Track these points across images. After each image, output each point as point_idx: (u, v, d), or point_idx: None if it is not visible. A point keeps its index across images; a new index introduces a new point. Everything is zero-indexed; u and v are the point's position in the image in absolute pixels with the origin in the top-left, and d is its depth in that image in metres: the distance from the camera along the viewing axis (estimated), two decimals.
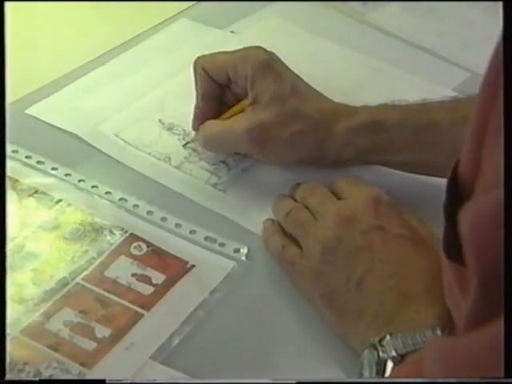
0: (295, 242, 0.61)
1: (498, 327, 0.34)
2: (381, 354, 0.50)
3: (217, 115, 0.69)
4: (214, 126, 0.68)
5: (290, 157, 0.67)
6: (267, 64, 0.66)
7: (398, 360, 0.49)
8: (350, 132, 0.64)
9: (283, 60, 0.70)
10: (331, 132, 0.65)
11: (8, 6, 0.78)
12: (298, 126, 0.64)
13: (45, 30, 0.84)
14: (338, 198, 0.61)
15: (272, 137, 0.64)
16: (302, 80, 0.68)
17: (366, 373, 0.50)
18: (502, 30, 0.37)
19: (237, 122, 0.66)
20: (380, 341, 0.50)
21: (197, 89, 0.69)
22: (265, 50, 0.67)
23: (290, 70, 0.68)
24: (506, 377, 0.35)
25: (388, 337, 0.50)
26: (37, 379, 0.52)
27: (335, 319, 0.56)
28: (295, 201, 0.64)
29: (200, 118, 0.69)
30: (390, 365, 0.49)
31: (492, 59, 0.38)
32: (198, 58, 0.69)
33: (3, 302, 0.45)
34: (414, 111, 0.64)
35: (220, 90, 0.68)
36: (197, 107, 0.69)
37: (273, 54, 0.68)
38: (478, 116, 0.38)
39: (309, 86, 0.68)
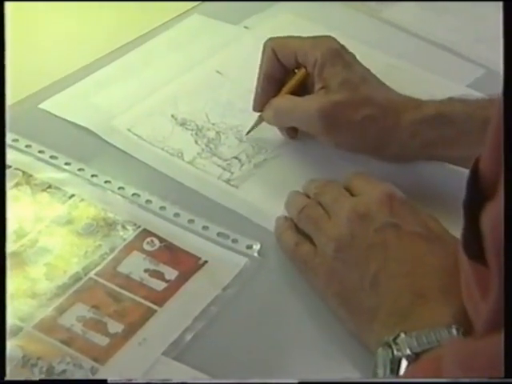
0: (308, 238, 0.60)
1: None
2: (395, 352, 0.49)
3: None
4: (286, 100, 0.68)
5: (356, 143, 0.66)
6: (337, 52, 0.67)
7: (413, 358, 0.49)
8: (417, 124, 0.64)
9: None
10: (398, 123, 0.64)
11: (20, 1, 0.78)
12: (369, 111, 0.64)
13: (58, 26, 0.84)
14: (352, 195, 0.61)
15: (343, 118, 0.64)
16: (370, 71, 0.68)
17: (381, 371, 0.50)
18: (503, 30, 0.37)
19: (309, 100, 0.66)
20: (394, 339, 0.50)
21: (261, 69, 0.70)
22: (336, 40, 0.68)
23: (358, 61, 0.68)
24: (505, 377, 0.35)
25: (402, 335, 0.50)
26: (37, 379, 0.52)
27: (349, 317, 0.56)
28: (308, 197, 0.64)
29: (261, 99, 0.70)
30: (404, 363, 0.49)
31: None
32: (269, 39, 0.70)
33: (3, 303, 0.45)
34: (482, 106, 0.63)
35: (284, 73, 0.69)
36: (258, 87, 0.70)
37: (343, 45, 0.68)
38: (501, 114, 0.38)
39: (377, 77, 0.68)
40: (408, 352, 0.49)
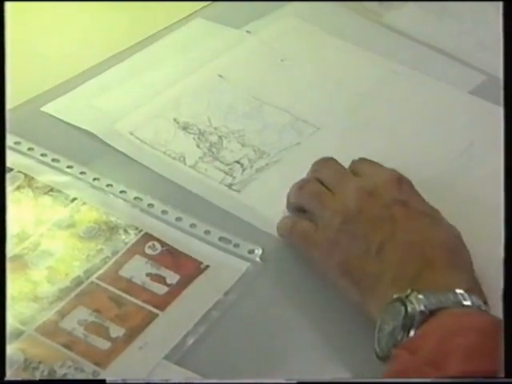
0: (306, 219, 0.60)
1: None
2: (409, 309, 0.48)
3: None
4: None
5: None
6: None
7: (427, 316, 0.48)
8: None
9: (299, 60, 0.70)
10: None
11: (23, 3, 0.79)
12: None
13: (61, 29, 0.84)
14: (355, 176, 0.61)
15: None
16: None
17: (388, 327, 0.49)
18: (503, 31, 0.37)
19: None
20: (407, 296, 0.49)
21: None
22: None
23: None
24: (506, 377, 0.35)
25: (415, 292, 0.49)
26: (37, 379, 0.52)
27: (352, 286, 0.55)
28: None
29: None
30: (417, 319, 0.48)
31: None
32: None
33: (3, 303, 0.45)
34: None
35: None
36: None
37: None
38: None
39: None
40: (422, 308, 0.48)
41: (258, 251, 0.62)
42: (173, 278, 0.59)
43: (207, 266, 0.60)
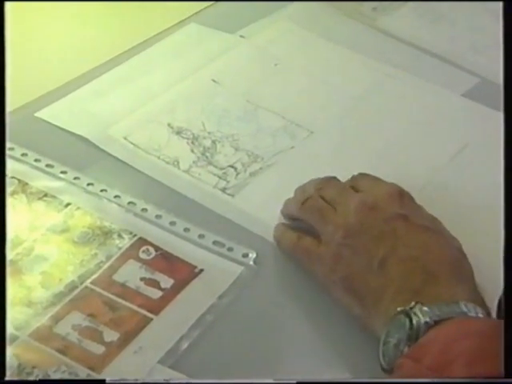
0: (309, 235, 0.60)
1: None
2: (414, 321, 0.49)
3: None
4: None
5: None
6: None
7: (431, 326, 0.49)
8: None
9: (293, 64, 0.70)
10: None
11: (20, 6, 0.79)
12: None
13: (55, 35, 0.84)
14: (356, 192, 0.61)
15: None
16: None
17: (393, 340, 0.50)
18: (503, 31, 0.37)
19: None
20: (411, 308, 0.50)
21: None
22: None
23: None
24: (506, 377, 0.35)
25: (419, 305, 0.50)
26: (37, 379, 0.52)
27: (356, 301, 0.55)
28: None
29: None
30: (422, 330, 0.49)
31: None
32: None
33: (3, 303, 0.45)
34: None
35: None
36: None
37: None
38: None
39: None
40: (427, 319, 0.49)
41: (252, 255, 0.62)
42: (167, 282, 0.59)
43: (201, 270, 0.61)
